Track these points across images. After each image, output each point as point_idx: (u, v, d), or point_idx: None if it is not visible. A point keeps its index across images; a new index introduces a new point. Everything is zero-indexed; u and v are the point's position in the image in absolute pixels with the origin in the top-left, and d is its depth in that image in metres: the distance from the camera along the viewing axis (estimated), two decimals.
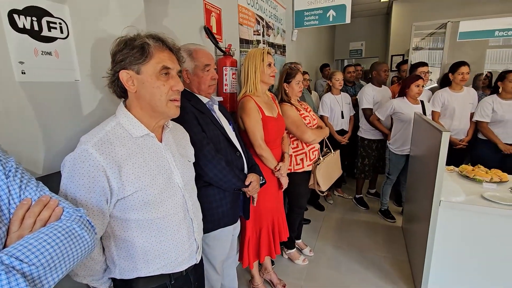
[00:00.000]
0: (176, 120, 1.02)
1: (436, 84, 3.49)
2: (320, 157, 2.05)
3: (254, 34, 2.37)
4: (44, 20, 0.83)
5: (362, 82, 4.05)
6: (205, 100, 1.29)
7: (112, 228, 0.82)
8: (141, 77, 0.79)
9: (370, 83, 3.07)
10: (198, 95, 1.28)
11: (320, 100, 3.09)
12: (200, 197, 1.09)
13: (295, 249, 2.30)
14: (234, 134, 1.40)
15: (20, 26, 0.78)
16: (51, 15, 0.85)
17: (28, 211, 0.59)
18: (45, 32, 0.84)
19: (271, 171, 1.69)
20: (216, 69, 1.34)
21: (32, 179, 0.64)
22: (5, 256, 0.48)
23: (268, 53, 1.65)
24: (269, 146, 1.63)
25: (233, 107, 1.87)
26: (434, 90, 2.96)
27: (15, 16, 0.77)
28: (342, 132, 3.12)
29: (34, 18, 0.81)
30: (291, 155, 1.97)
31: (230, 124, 1.41)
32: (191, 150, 1.08)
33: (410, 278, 2.04)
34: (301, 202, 2.14)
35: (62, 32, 0.88)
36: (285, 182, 1.75)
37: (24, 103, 0.81)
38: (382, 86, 3.06)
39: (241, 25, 2.15)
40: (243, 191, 1.37)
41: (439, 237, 1.69)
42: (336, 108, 3.03)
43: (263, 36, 2.54)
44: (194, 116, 1.21)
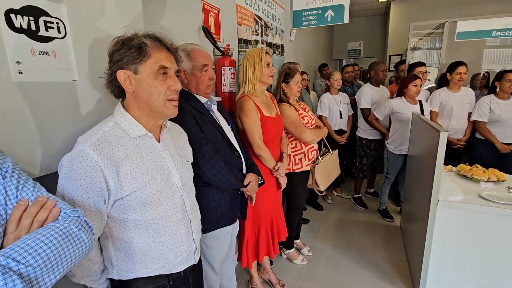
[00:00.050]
0: (175, 120, 1.02)
1: (434, 84, 3.50)
2: (319, 157, 2.05)
3: (253, 34, 2.37)
4: (41, 20, 0.83)
5: (360, 82, 4.06)
6: (204, 100, 1.29)
7: (110, 229, 0.82)
8: (139, 77, 0.79)
9: (368, 83, 3.08)
10: (197, 95, 1.28)
11: (319, 100, 3.09)
12: (199, 197, 1.09)
13: (294, 249, 2.31)
14: (233, 134, 1.40)
15: (17, 26, 0.77)
16: (49, 15, 0.85)
17: (25, 212, 0.59)
18: (42, 32, 0.83)
19: (270, 171, 1.69)
20: (215, 69, 1.34)
21: (29, 180, 0.64)
22: (2, 257, 0.48)
23: (267, 53, 1.65)
24: (268, 146, 1.63)
25: (232, 107, 1.87)
26: (432, 90, 2.97)
27: (12, 16, 0.76)
28: (341, 132, 3.12)
29: (31, 18, 0.81)
30: (290, 155, 1.97)
31: (229, 124, 1.40)
32: (189, 150, 1.07)
33: (409, 278, 2.04)
34: (300, 202, 2.14)
35: (60, 32, 0.88)
36: (284, 182, 1.75)
37: (21, 103, 0.80)
38: (380, 86, 3.07)
39: (240, 25, 2.15)
40: (242, 191, 1.37)
41: (437, 237, 1.70)
42: (335, 108, 3.03)
43: (262, 36, 2.54)
44: (193, 116, 1.20)
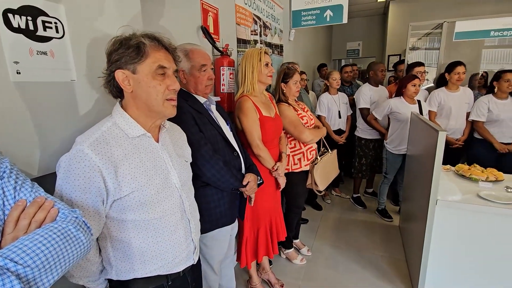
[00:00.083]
0: (173, 120, 1.02)
1: (433, 84, 3.51)
2: (318, 157, 2.05)
3: (252, 34, 2.37)
4: (39, 20, 0.83)
5: (359, 82, 4.06)
6: (203, 100, 1.29)
7: (109, 229, 0.82)
8: (137, 77, 0.79)
9: (367, 83, 3.08)
10: (195, 95, 1.28)
11: (318, 100, 3.09)
12: (198, 197, 1.08)
13: (293, 249, 2.31)
14: (232, 134, 1.40)
15: (15, 26, 0.77)
16: (47, 15, 0.84)
17: (23, 213, 0.59)
18: (41, 32, 0.83)
19: (269, 171, 1.69)
20: (213, 69, 1.34)
21: (27, 180, 0.64)
22: (0, 258, 0.48)
23: (266, 53, 1.65)
24: (267, 146, 1.63)
25: (231, 107, 1.87)
26: (431, 90, 2.98)
27: (10, 16, 0.76)
28: (340, 132, 3.12)
29: (29, 18, 0.80)
30: (289, 155, 1.97)
31: (228, 124, 1.40)
32: (188, 150, 1.07)
33: (407, 277, 2.05)
34: (299, 202, 2.14)
35: (58, 32, 0.88)
36: (283, 182, 1.75)
37: (19, 103, 0.80)
38: (379, 86, 3.08)
39: (239, 25, 2.15)
40: (240, 191, 1.37)
41: (436, 236, 1.70)
42: (334, 108, 3.03)
43: (261, 36, 2.54)
44: (192, 116, 1.20)
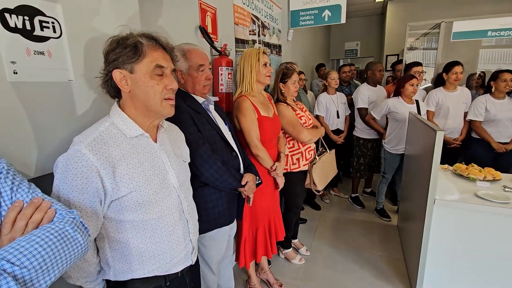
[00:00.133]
0: (172, 120, 1.02)
1: (430, 84, 3.52)
2: (316, 157, 2.06)
3: (250, 34, 2.36)
4: (37, 19, 0.82)
5: (357, 82, 4.07)
6: (201, 100, 1.29)
7: (106, 230, 0.81)
8: (135, 76, 0.79)
9: (365, 83, 3.08)
10: (194, 95, 1.27)
11: (316, 100, 3.09)
12: (196, 197, 1.08)
13: (292, 249, 2.31)
14: (230, 134, 1.40)
15: (12, 26, 0.77)
16: (44, 14, 0.84)
17: (20, 213, 0.58)
18: (38, 32, 0.83)
19: (267, 171, 1.69)
20: (212, 69, 1.33)
21: (24, 181, 0.64)
22: None
23: (264, 53, 1.65)
24: (265, 146, 1.63)
25: (229, 107, 1.86)
26: (429, 90, 2.99)
27: (7, 15, 0.75)
28: (338, 132, 3.13)
29: (26, 17, 0.80)
30: (287, 155, 1.98)
31: (226, 124, 1.40)
32: (186, 150, 1.07)
33: (406, 277, 2.05)
34: (298, 202, 2.14)
35: (55, 32, 0.87)
36: (281, 182, 1.75)
37: (16, 104, 0.79)
38: (377, 86, 3.08)
39: (237, 25, 2.15)
40: (239, 191, 1.37)
41: (434, 236, 1.71)
42: (332, 108, 3.04)
43: (259, 36, 2.54)
44: (190, 116, 1.20)
